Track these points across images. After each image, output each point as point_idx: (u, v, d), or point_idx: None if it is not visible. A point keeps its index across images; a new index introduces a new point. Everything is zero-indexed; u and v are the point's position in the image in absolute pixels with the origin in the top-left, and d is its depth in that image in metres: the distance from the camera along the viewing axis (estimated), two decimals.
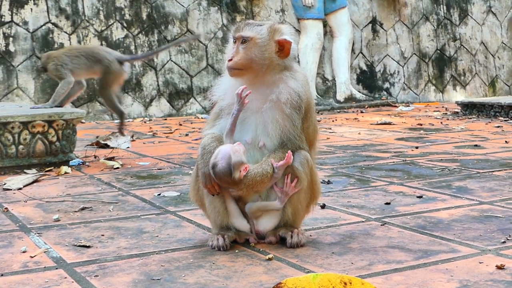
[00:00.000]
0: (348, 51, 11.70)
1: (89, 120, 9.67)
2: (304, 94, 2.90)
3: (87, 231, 3.27)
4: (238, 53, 2.85)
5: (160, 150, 6.41)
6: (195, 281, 2.47)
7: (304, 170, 2.90)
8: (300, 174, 2.89)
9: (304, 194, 2.95)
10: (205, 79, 10.63)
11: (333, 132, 7.80)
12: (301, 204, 2.97)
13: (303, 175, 2.90)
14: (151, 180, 4.76)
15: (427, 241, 3.00)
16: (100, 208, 3.82)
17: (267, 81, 2.87)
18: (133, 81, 10.16)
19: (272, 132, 2.87)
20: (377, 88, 12.19)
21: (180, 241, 3.07)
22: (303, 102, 2.89)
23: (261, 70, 2.86)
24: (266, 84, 2.87)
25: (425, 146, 6.37)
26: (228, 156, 2.74)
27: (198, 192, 3.03)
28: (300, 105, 2.88)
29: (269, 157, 2.85)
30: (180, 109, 10.46)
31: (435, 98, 12.66)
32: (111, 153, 5.95)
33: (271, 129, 2.87)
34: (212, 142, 2.87)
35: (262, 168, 2.82)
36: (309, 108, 2.93)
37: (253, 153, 2.90)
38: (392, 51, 12.32)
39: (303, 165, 2.90)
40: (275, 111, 2.86)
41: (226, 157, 2.74)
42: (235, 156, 2.75)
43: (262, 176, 2.82)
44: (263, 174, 2.82)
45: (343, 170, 5.03)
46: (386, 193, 4.12)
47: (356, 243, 2.96)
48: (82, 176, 4.96)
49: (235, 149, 2.76)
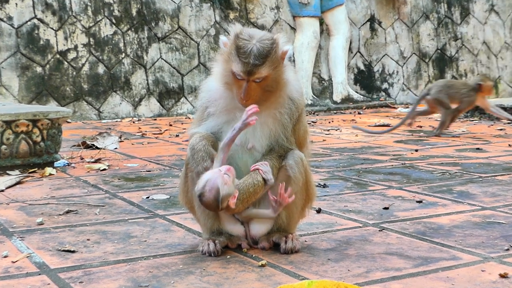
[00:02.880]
0: (345, 50, 11.71)
1: (75, 119, 9.64)
2: (297, 98, 2.90)
3: (72, 235, 3.25)
4: (252, 89, 2.76)
5: (149, 151, 6.39)
6: None
7: (299, 169, 2.89)
8: (295, 174, 2.88)
9: (299, 195, 2.94)
10: (197, 78, 10.62)
11: (330, 134, 7.79)
12: (296, 207, 2.95)
13: (298, 175, 2.89)
14: (140, 182, 4.74)
15: (427, 247, 2.99)
16: (86, 211, 3.80)
17: (270, 97, 2.86)
18: (121, 80, 10.14)
19: (261, 134, 2.87)
20: (375, 88, 12.20)
21: (169, 246, 3.05)
22: (296, 106, 2.90)
23: (272, 93, 2.83)
24: (267, 98, 2.86)
25: (425, 149, 6.37)
26: (216, 189, 2.72)
27: (187, 194, 3.02)
28: (293, 110, 2.89)
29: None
30: (170, 109, 10.43)
31: None
32: (98, 154, 5.93)
33: (260, 132, 2.87)
34: (201, 141, 2.85)
35: (253, 178, 2.82)
36: (302, 111, 2.94)
37: (242, 155, 2.90)
38: (391, 50, 12.33)
39: (298, 164, 2.89)
40: (266, 116, 2.87)
41: (214, 190, 2.72)
42: (224, 189, 2.73)
43: (254, 186, 2.81)
44: (254, 184, 2.81)
45: (340, 173, 5.02)
46: (384, 197, 4.11)
47: (353, 250, 2.95)
48: (67, 177, 4.94)
49: (225, 181, 2.73)
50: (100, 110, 9.96)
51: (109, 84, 10.06)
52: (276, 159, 2.89)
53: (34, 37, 9.63)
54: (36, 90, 9.56)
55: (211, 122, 2.92)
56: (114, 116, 10.02)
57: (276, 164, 2.88)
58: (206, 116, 2.94)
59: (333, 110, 11.29)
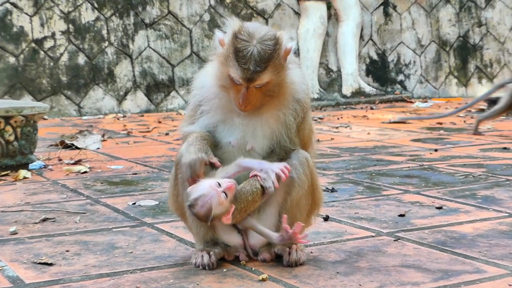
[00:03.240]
0: (355, 37, 11.71)
1: (53, 116, 9.64)
2: (303, 99, 2.92)
3: (49, 246, 3.25)
4: (252, 94, 2.78)
5: (135, 151, 6.40)
6: None
7: (304, 170, 2.90)
8: (299, 176, 2.89)
9: (305, 200, 2.94)
10: (189, 69, 10.62)
11: (338, 132, 7.80)
12: (301, 213, 2.95)
13: (303, 177, 2.89)
14: (125, 186, 4.74)
15: (447, 259, 2.99)
16: (65, 219, 3.80)
17: (272, 99, 2.87)
18: (104, 71, 10.14)
19: (262, 135, 2.89)
20: (390, 80, 12.20)
21: (159, 258, 3.05)
22: (301, 106, 2.91)
23: (277, 97, 2.84)
24: (268, 101, 2.87)
25: (445, 148, 6.37)
26: (208, 208, 2.73)
27: (178, 199, 3.02)
28: (297, 110, 2.90)
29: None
30: (159, 104, 10.44)
31: (457, 92, 12.69)
32: (78, 155, 5.93)
33: (261, 132, 2.88)
34: (200, 141, 2.85)
35: (251, 185, 2.82)
36: (307, 110, 2.95)
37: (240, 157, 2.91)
38: (407, 38, 12.34)
39: (303, 165, 2.90)
40: (267, 116, 2.88)
41: (206, 208, 2.74)
42: (217, 208, 2.74)
43: (253, 194, 2.82)
44: (253, 192, 2.82)
45: (350, 176, 5.03)
46: (400, 203, 4.12)
47: (365, 262, 2.95)
48: (43, 181, 4.94)
49: (220, 201, 2.73)
50: (81, 105, 9.96)
51: (90, 76, 10.07)
52: (277, 162, 2.89)
53: (6, 23, 9.63)
54: (8, 83, 9.55)
55: (205, 120, 2.92)
56: (96, 112, 10.02)
57: None
58: (200, 114, 2.95)
59: (342, 105, 11.29)
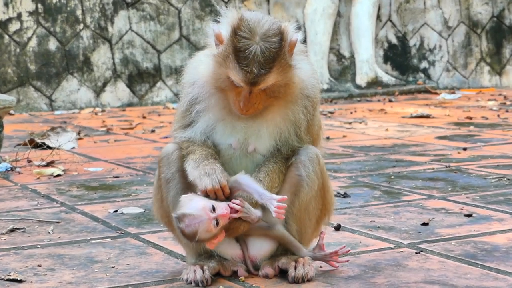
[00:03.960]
0: (372, 18, 11.72)
1: (20, 110, 9.66)
2: (313, 94, 2.96)
3: (18, 260, 3.27)
4: (254, 96, 2.81)
5: (116, 151, 6.41)
6: None
7: (314, 168, 2.94)
8: (308, 174, 2.93)
9: (314, 203, 2.98)
10: (178, 56, 10.63)
11: (352, 128, 7.82)
12: (310, 218, 2.99)
13: (312, 175, 2.93)
14: (105, 191, 4.76)
15: (478, 274, 3.02)
16: (36, 229, 3.83)
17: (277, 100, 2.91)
18: (79, 59, 10.15)
19: (268, 135, 2.92)
20: (411, 68, 12.21)
21: (145, 273, 3.07)
22: (311, 102, 2.96)
23: (282, 98, 2.89)
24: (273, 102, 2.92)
25: (476, 147, 6.39)
26: (194, 232, 2.79)
27: (162, 204, 3.05)
28: (308, 107, 2.94)
29: (260, 170, 2.91)
30: (143, 96, 10.45)
31: (490, 82, 12.69)
32: (51, 155, 5.95)
33: (267, 132, 2.92)
34: (209, 160, 2.89)
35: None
36: (317, 105, 3.00)
37: (241, 160, 2.95)
38: (431, 18, 12.35)
39: (312, 162, 2.94)
40: (274, 114, 2.92)
41: (192, 231, 2.79)
42: (204, 235, 2.79)
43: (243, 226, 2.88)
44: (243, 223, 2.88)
45: (365, 179, 5.05)
46: (423, 210, 4.14)
47: (383, 277, 2.98)
48: (11, 186, 4.96)
49: (209, 229, 2.78)
50: (52, 98, 9.97)
51: (63, 65, 10.08)
52: (282, 162, 2.93)
53: None
54: None
55: (202, 123, 2.95)
56: (71, 106, 10.04)
57: (282, 169, 2.93)
58: (195, 114, 2.97)
59: (356, 96, 11.29)
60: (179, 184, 2.97)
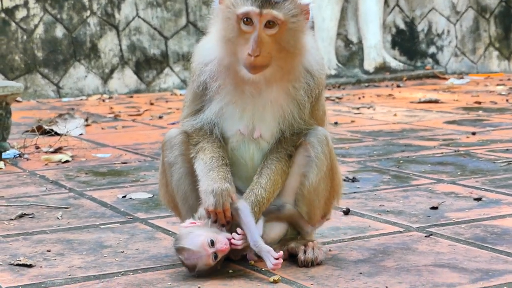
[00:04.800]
0: (379, 3, 11.69)
1: (28, 98, 9.67)
2: (317, 71, 2.95)
3: (27, 246, 3.28)
4: (264, 43, 2.79)
5: (124, 138, 6.42)
6: None
7: (323, 149, 2.94)
8: (317, 154, 2.93)
9: (323, 185, 2.98)
10: (185, 42, 10.63)
11: (360, 113, 7.81)
12: (319, 199, 3.00)
13: (321, 156, 2.94)
14: (113, 177, 4.77)
15: (488, 257, 3.02)
16: (45, 215, 3.84)
17: (284, 68, 2.89)
18: (86, 45, 10.15)
19: (271, 118, 2.92)
20: (419, 54, 12.19)
21: (154, 258, 3.08)
22: (315, 82, 2.95)
23: (289, 61, 2.87)
24: (280, 70, 2.89)
25: (485, 131, 6.38)
26: (193, 264, 2.80)
27: (168, 188, 3.06)
28: (311, 86, 2.94)
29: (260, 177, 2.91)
30: (151, 82, 10.45)
31: (499, 67, 12.66)
32: (59, 142, 5.96)
33: (270, 114, 2.92)
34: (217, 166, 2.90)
35: (255, 196, 2.88)
36: (322, 87, 3.00)
37: (248, 147, 2.96)
38: (440, 3, 12.31)
39: (321, 143, 2.94)
40: (278, 93, 2.91)
41: (191, 263, 2.80)
42: (202, 268, 2.80)
43: (259, 204, 2.88)
44: (259, 202, 2.89)
45: (374, 164, 5.05)
46: (432, 194, 4.14)
47: (392, 261, 2.98)
48: (19, 172, 4.98)
49: (207, 263, 2.78)
50: (60, 85, 9.98)
51: (70, 52, 10.08)
52: (285, 160, 2.94)
53: None
54: None
55: (213, 106, 2.94)
56: (78, 93, 10.04)
57: (285, 169, 2.94)
58: (208, 99, 2.95)
59: (364, 82, 11.28)
60: (182, 168, 2.99)
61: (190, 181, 2.97)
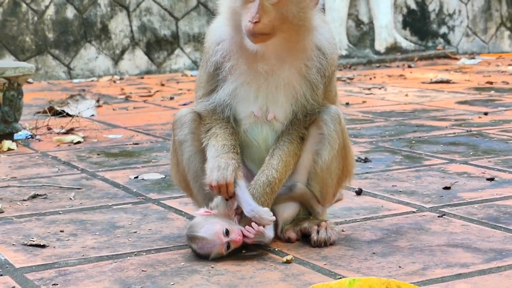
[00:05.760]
0: None
1: (39, 79, 9.68)
2: (329, 51, 2.94)
3: (40, 226, 3.29)
4: (265, 11, 2.78)
5: (136, 118, 6.43)
6: None
7: (335, 127, 2.94)
8: (330, 132, 2.93)
9: (336, 163, 2.98)
10: (196, 23, 10.61)
11: (371, 93, 7.80)
12: (332, 178, 3.00)
13: (334, 134, 2.94)
14: (125, 158, 4.78)
15: (501, 237, 3.01)
16: (58, 195, 3.85)
17: (291, 42, 2.88)
18: (97, 26, 10.15)
19: (284, 99, 2.92)
20: (431, 34, 12.14)
21: (167, 238, 3.09)
22: (328, 62, 2.94)
23: (294, 35, 2.86)
24: (288, 44, 2.88)
25: (497, 112, 6.37)
26: (207, 253, 2.79)
27: (179, 168, 3.07)
28: (324, 65, 2.93)
29: (271, 158, 2.90)
30: (161, 63, 10.45)
31: (511, 47, 12.62)
32: (70, 123, 5.97)
33: (283, 96, 2.91)
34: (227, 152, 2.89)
35: (266, 176, 2.88)
36: (334, 68, 2.99)
37: (262, 129, 2.96)
38: None
39: (334, 121, 2.94)
40: (291, 73, 2.90)
41: (204, 252, 2.80)
42: (215, 256, 2.79)
43: (270, 185, 2.88)
44: (270, 183, 2.88)
45: (386, 144, 5.04)
46: (444, 174, 4.14)
47: (405, 241, 2.98)
48: (31, 153, 4.99)
49: (220, 252, 2.78)
50: (71, 66, 9.99)
51: (81, 33, 10.08)
52: (297, 143, 2.94)
53: None
54: None
55: (227, 87, 2.93)
56: (89, 74, 10.05)
57: (297, 151, 2.94)
58: (221, 79, 2.94)
59: (375, 62, 11.26)
60: (192, 146, 2.99)
61: (201, 159, 2.97)
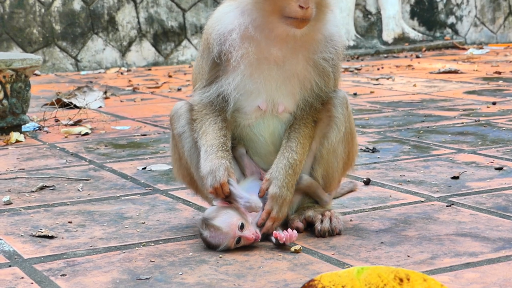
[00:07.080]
0: None
1: (46, 71, 9.69)
2: (338, 41, 2.94)
3: (48, 217, 3.30)
4: None
5: (143, 110, 6.44)
6: (196, 281, 2.49)
7: (343, 111, 2.95)
8: (338, 116, 2.94)
9: (342, 146, 2.98)
10: (203, 14, 10.61)
11: (379, 84, 7.79)
12: (338, 161, 3.00)
13: (341, 117, 2.95)
14: (133, 149, 4.78)
15: (510, 226, 3.01)
16: (66, 187, 3.86)
17: (310, 31, 2.86)
18: (104, 18, 10.15)
19: (297, 90, 2.90)
20: (439, 24, 12.12)
21: (175, 229, 3.09)
22: (336, 52, 2.94)
23: (317, 22, 2.85)
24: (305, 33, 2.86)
25: (505, 101, 6.36)
26: (217, 243, 2.78)
27: (181, 162, 3.06)
28: (333, 54, 2.92)
29: (289, 140, 2.89)
30: (169, 55, 10.45)
31: None
32: (78, 115, 5.98)
33: (296, 87, 2.90)
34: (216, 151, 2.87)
35: (287, 159, 2.86)
36: (340, 59, 2.99)
37: (270, 122, 2.94)
38: None
39: (342, 105, 2.95)
40: (302, 62, 2.89)
41: (215, 242, 2.78)
42: (223, 247, 2.78)
43: (292, 167, 2.87)
44: (292, 165, 2.87)
45: (394, 134, 5.04)
46: (453, 164, 4.13)
47: (414, 230, 2.98)
48: (39, 145, 5.00)
49: (230, 244, 2.77)
50: (78, 58, 10.00)
51: (88, 24, 10.09)
52: (312, 126, 2.93)
53: None
54: None
55: (231, 79, 2.88)
56: (96, 66, 10.06)
57: (311, 134, 2.93)
58: (223, 70, 2.89)
59: (382, 53, 11.25)
60: (191, 137, 2.96)
61: None
